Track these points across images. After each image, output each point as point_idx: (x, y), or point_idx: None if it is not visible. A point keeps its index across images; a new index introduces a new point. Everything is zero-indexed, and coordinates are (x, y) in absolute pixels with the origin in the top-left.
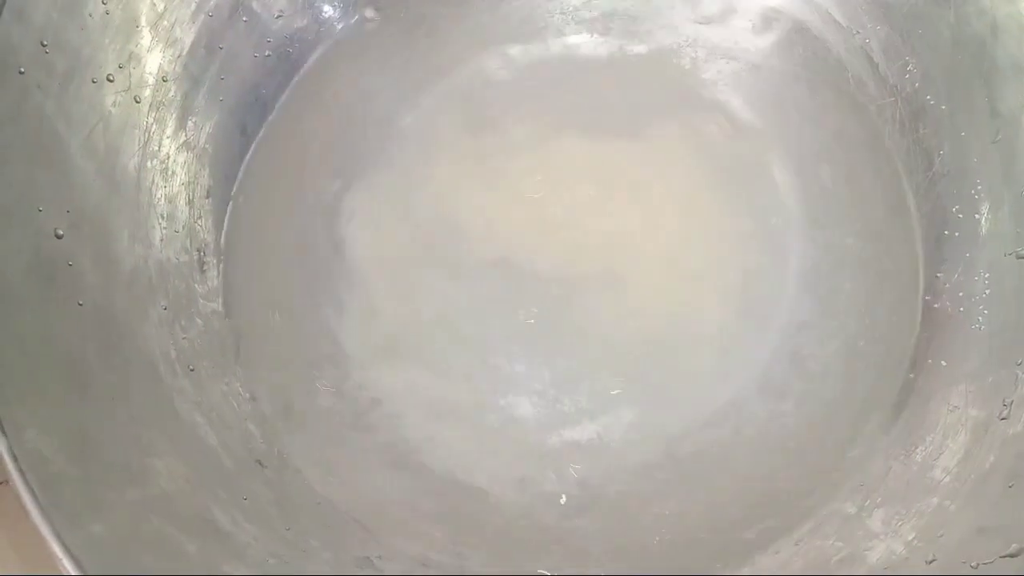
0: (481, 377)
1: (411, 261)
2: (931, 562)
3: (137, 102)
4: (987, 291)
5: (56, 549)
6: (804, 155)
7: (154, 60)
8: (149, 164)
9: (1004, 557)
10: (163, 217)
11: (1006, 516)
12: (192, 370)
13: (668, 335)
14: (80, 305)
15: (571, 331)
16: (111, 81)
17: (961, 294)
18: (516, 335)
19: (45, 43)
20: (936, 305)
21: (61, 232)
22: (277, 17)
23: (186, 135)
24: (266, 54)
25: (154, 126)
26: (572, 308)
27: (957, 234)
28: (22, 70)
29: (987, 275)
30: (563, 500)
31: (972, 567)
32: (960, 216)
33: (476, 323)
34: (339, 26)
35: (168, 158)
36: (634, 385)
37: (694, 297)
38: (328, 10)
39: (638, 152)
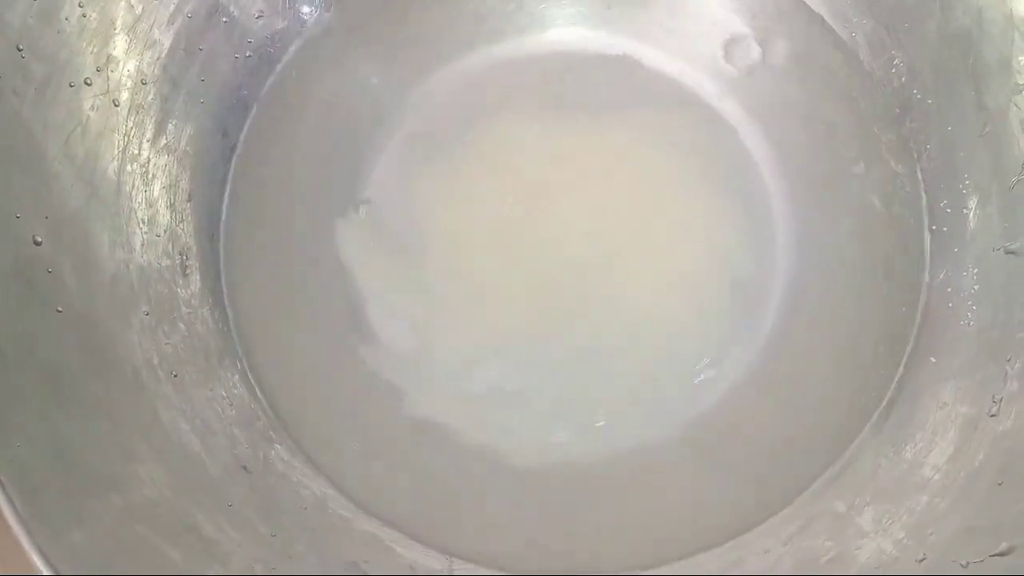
0: (486, 373)
1: (408, 264)
2: (921, 561)
3: (116, 105)
4: (976, 287)
5: (37, 560)
6: (791, 151)
7: (132, 63)
8: (129, 168)
9: (994, 556)
10: (144, 222)
11: (996, 514)
12: (175, 376)
13: (659, 334)
14: (60, 312)
15: (567, 328)
16: (89, 85)
17: (950, 290)
18: (518, 334)
19: (21, 48)
20: (925, 301)
21: (40, 239)
22: (257, 18)
23: (166, 138)
24: (247, 55)
25: (133, 129)
26: (567, 307)
27: (945, 229)
28: None
29: (976, 270)
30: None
31: (962, 566)
32: (948, 211)
33: (477, 322)
34: (320, 25)
35: (148, 162)
36: (625, 384)
37: (684, 297)
38: (308, 10)
39: (624, 148)
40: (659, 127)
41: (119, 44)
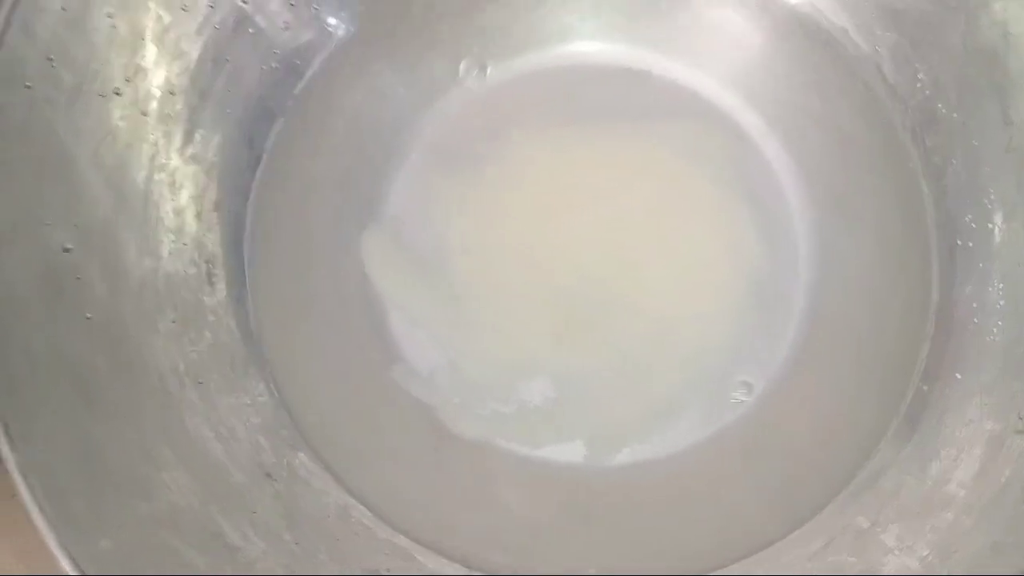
0: (511, 386)
1: (431, 276)
2: None
3: (144, 115)
4: (1001, 302)
5: (64, 563)
6: (813, 164)
7: (160, 73)
8: (157, 177)
9: (1021, 575)
10: (171, 230)
11: (1022, 532)
12: (200, 383)
13: (677, 344)
14: (88, 318)
15: (590, 341)
16: (118, 95)
17: (975, 305)
18: (541, 346)
19: (52, 57)
20: (950, 316)
21: (69, 246)
22: (283, 29)
23: (193, 148)
24: (273, 66)
25: (161, 139)
26: (591, 319)
27: (971, 244)
28: (29, 84)
29: (1001, 286)
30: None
31: None
32: (973, 226)
33: (501, 335)
34: (345, 38)
35: (176, 171)
36: (649, 396)
37: (702, 308)
38: (333, 22)
39: (644, 159)
40: (680, 139)
41: (148, 55)
